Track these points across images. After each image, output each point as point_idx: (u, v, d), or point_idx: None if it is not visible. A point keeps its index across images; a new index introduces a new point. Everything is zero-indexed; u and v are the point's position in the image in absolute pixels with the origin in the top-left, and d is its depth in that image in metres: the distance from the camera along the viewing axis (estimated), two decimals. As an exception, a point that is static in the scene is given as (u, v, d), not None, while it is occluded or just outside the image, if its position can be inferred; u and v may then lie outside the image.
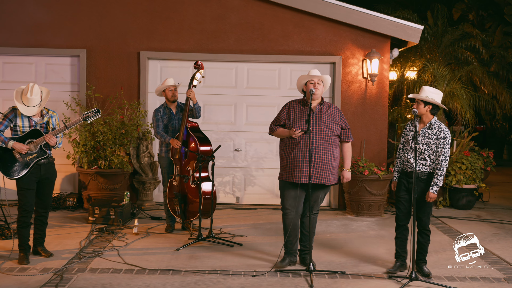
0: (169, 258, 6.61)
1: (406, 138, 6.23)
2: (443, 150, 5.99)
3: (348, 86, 9.87)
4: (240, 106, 10.07)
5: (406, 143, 6.21)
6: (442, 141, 6.00)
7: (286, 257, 6.35)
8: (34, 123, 6.31)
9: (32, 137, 6.26)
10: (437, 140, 6.01)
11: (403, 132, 6.31)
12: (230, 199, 10.14)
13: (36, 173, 6.34)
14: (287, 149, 6.22)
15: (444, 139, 6.00)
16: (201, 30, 9.80)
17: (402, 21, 9.68)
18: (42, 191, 6.48)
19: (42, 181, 6.44)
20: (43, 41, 9.75)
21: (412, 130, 6.14)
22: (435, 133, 6.03)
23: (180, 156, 7.70)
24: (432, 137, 6.02)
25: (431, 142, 6.01)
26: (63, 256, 6.56)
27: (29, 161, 6.24)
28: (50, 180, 6.54)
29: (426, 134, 6.04)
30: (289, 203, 6.24)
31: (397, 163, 6.32)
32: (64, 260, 6.37)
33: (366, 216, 9.27)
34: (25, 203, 6.29)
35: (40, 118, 6.38)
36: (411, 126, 6.22)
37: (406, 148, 6.19)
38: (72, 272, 5.98)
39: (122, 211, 8.25)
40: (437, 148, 6.01)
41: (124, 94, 9.67)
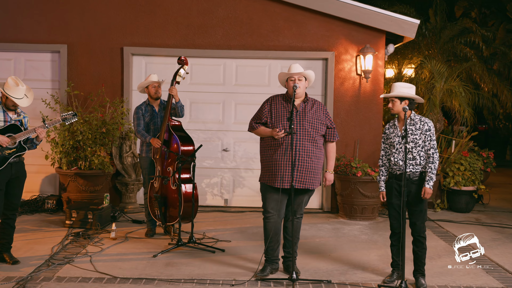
0: (144, 265, 6.19)
1: (389, 142, 5.76)
2: (432, 143, 5.60)
3: (341, 83, 9.43)
4: (228, 104, 9.64)
5: (390, 146, 5.76)
6: (428, 134, 5.60)
7: (267, 265, 5.92)
8: (9, 119, 5.97)
9: (11, 132, 5.91)
10: (422, 134, 5.59)
11: (384, 136, 5.84)
12: (218, 201, 9.71)
13: (6, 173, 5.95)
14: (269, 150, 5.78)
15: (430, 131, 5.61)
16: (187, 25, 9.38)
17: (397, 15, 9.25)
18: (12, 191, 6.08)
19: (12, 181, 6.06)
20: (22, 36, 9.35)
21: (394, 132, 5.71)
22: (418, 127, 5.61)
23: (161, 156, 7.28)
24: (416, 132, 5.60)
25: (417, 138, 5.59)
26: (30, 263, 6.14)
27: (7, 156, 5.88)
28: (20, 180, 6.16)
29: (410, 131, 5.62)
30: (271, 206, 5.81)
31: (382, 171, 5.84)
32: (31, 268, 5.96)
33: (359, 220, 8.84)
34: None
35: (15, 115, 6.06)
36: (391, 128, 5.77)
37: (391, 151, 5.73)
38: (36, 281, 5.57)
39: (101, 215, 7.84)
40: (424, 143, 5.60)
41: (107, 91, 9.25)
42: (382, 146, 5.85)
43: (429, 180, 5.58)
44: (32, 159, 9.32)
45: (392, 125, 5.76)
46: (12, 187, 6.07)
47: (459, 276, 6.04)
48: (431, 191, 5.59)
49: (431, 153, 5.60)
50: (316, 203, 9.70)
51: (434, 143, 5.65)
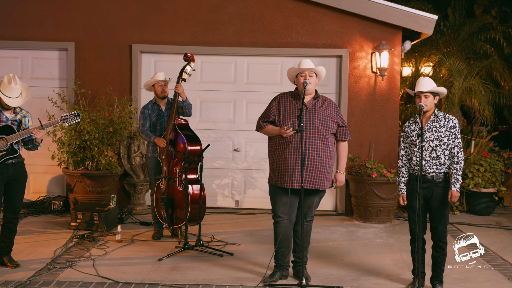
0: (149, 270, 5.94)
1: (410, 141, 5.45)
2: (456, 141, 5.30)
3: (355, 82, 9.13)
4: (239, 103, 9.38)
5: (411, 145, 5.44)
6: (453, 131, 5.30)
7: (276, 271, 5.64)
8: (5, 119, 5.72)
9: (3, 133, 5.65)
10: (447, 131, 5.29)
11: (404, 134, 5.51)
12: (229, 203, 9.45)
13: (3, 174, 5.71)
14: (278, 149, 5.50)
15: (455, 128, 5.31)
16: (197, 21, 9.13)
17: (414, 10, 8.91)
18: (11, 193, 5.84)
19: (10, 183, 5.82)
20: (29, 33, 9.16)
21: (415, 130, 5.39)
22: (443, 124, 5.31)
23: (167, 157, 7.04)
24: (441, 129, 5.29)
25: (441, 135, 5.28)
26: (31, 266, 5.91)
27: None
28: (19, 181, 5.89)
29: (434, 128, 5.31)
30: (281, 210, 5.53)
31: (402, 172, 5.51)
32: (31, 272, 5.73)
33: (374, 222, 8.53)
34: None
35: (13, 115, 5.79)
36: (412, 126, 5.45)
37: (413, 150, 5.42)
38: (35, 285, 5.35)
39: (107, 216, 7.61)
40: (449, 141, 5.29)
41: (116, 89, 9.04)
42: (401, 145, 5.53)
43: (455, 183, 5.29)
44: (39, 159, 9.19)
45: (413, 122, 5.44)
46: (12, 189, 5.84)
47: (478, 282, 5.72)
48: (458, 194, 5.30)
49: (455, 152, 5.30)
50: (330, 205, 9.41)
51: (459, 141, 5.34)
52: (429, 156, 5.29)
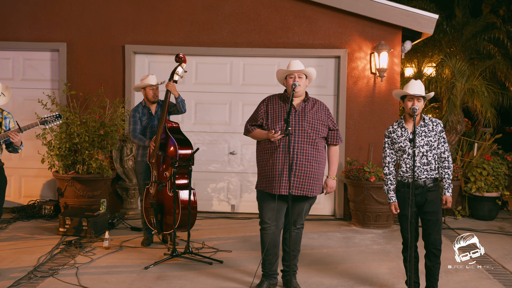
0: (133, 279, 5.72)
1: (397, 147, 5.19)
2: (445, 145, 5.12)
3: (354, 83, 8.88)
4: (235, 105, 9.16)
5: (399, 151, 5.19)
6: (442, 135, 5.12)
7: (263, 280, 5.41)
8: None
9: None
10: (437, 135, 5.08)
11: (389, 140, 5.25)
12: (225, 207, 9.23)
13: None
14: (265, 154, 5.28)
15: (443, 132, 5.14)
16: (191, 21, 8.92)
17: (414, 9, 8.64)
18: None
19: None
20: (20, 34, 8.97)
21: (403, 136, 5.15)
22: (432, 128, 5.10)
23: (157, 161, 6.82)
24: (431, 134, 5.06)
25: (432, 140, 5.05)
26: (11, 275, 5.70)
27: None
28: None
29: (423, 133, 5.07)
30: (268, 216, 5.30)
31: (390, 180, 5.25)
32: (10, 281, 5.52)
33: (372, 228, 8.28)
34: None
35: None
36: (398, 131, 5.20)
37: (402, 157, 5.17)
38: (13, 296, 5.15)
39: (96, 222, 7.40)
40: (438, 145, 5.08)
41: (109, 91, 8.84)
42: (387, 151, 5.27)
43: (448, 188, 5.13)
44: (31, 163, 9.03)
45: (399, 127, 5.20)
46: None
47: (476, 294, 5.48)
48: (451, 199, 5.14)
49: (446, 156, 5.11)
50: (328, 209, 9.17)
51: (447, 145, 5.14)
52: (419, 162, 5.05)
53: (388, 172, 5.25)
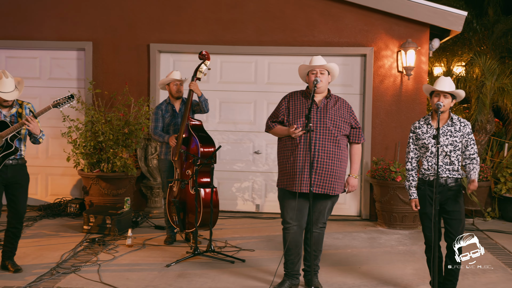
0: (154, 276, 5.70)
1: (421, 143, 5.08)
2: (474, 148, 4.98)
3: (380, 81, 8.75)
4: (260, 104, 9.09)
5: (422, 148, 5.07)
6: (470, 137, 4.98)
7: (285, 279, 5.34)
8: (3, 116, 5.54)
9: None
10: (463, 137, 4.93)
11: (414, 135, 5.14)
12: (250, 207, 9.17)
13: (2, 175, 5.53)
14: (287, 151, 5.22)
15: (471, 134, 4.99)
16: (216, 20, 8.89)
17: (442, 6, 8.47)
18: (13, 198, 5.64)
19: (11, 187, 5.62)
20: (47, 34, 9.04)
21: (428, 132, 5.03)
22: (458, 129, 4.95)
23: (179, 159, 6.79)
24: (456, 134, 4.93)
25: (456, 141, 4.92)
26: (34, 271, 5.73)
27: None
28: (20, 185, 5.68)
29: (449, 133, 4.94)
30: (290, 216, 5.23)
31: (412, 176, 5.13)
32: (32, 277, 5.55)
33: (399, 228, 8.14)
34: None
35: (8, 111, 5.60)
36: (424, 127, 5.08)
37: (425, 154, 5.05)
38: (34, 291, 5.17)
39: (120, 220, 7.41)
40: (466, 147, 4.95)
41: (133, 90, 8.85)
42: (411, 147, 5.16)
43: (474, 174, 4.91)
44: (57, 161, 9.11)
45: (425, 124, 5.08)
46: (14, 193, 5.64)
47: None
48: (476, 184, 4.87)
49: (475, 157, 4.98)
50: (354, 210, 9.05)
51: (476, 147, 5.03)
52: (442, 161, 4.92)
53: (410, 167, 5.13)
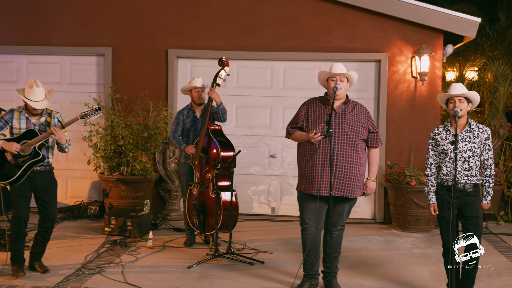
0: (176, 278, 5.86)
1: (440, 149, 5.21)
2: (490, 153, 5.13)
3: (395, 86, 8.89)
4: (276, 108, 9.26)
5: (441, 154, 5.21)
6: (488, 142, 5.12)
7: (305, 280, 5.49)
8: (32, 125, 5.72)
9: (27, 138, 5.66)
10: (482, 142, 5.07)
11: (433, 142, 5.28)
12: (265, 210, 9.32)
13: (30, 181, 5.71)
14: (306, 155, 5.37)
15: (489, 139, 5.13)
16: (233, 26, 9.06)
17: (455, 13, 8.62)
18: (43, 203, 5.81)
19: (40, 192, 5.79)
20: (68, 39, 9.25)
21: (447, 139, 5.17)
22: (477, 135, 5.09)
23: (200, 163, 6.96)
24: (475, 140, 5.06)
25: (475, 146, 5.05)
26: (61, 272, 5.91)
27: (21, 164, 5.62)
28: (49, 190, 5.85)
29: (467, 139, 5.08)
30: (308, 217, 5.38)
31: (431, 181, 5.28)
32: (59, 277, 5.73)
33: (413, 232, 8.27)
34: (19, 212, 5.67)
35: (37, 119, 5.78)
36: (443, 134, 5.22)
37: (444, 160, 5.19)
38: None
39: (140, 222, 7.59)
40: (482, 152, 5.08)
41: (152, 95, 9.04)
42: (430, 153, 5.30)
43: (487, 196, 5.18)
44: (77, 164, 9.29)
45: (444, 130, 5.22)
46: (43, 199, 5.81)
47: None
48: (488, 205, 5.20)
49: (489, 164, 5.13)
50: (368, 213, 9.18)
51: (492, 153, 5.16)
52: (460, 167, 5.06)
53: (430, 173, 5.27)
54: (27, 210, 5.75)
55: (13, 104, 9.19)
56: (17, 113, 5.74)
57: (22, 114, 5.73)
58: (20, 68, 9.44)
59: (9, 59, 9.43)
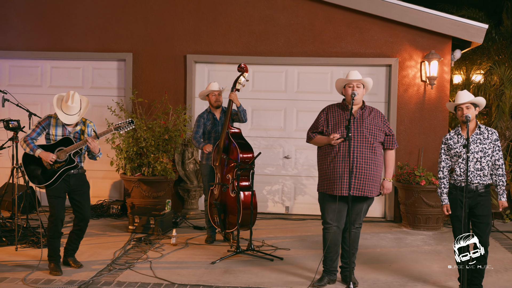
0: (202, 272, 6.23)
1: (453, 152, 5.57)
2: (499, 153, 5.49)
3: (405, 90, 9.25)
4: (290, 111, 9.62)
5: (454, 156, 5.57)
6: (497, 143, 5.48)
7: (324, 275, 5.85)
8: (67, 132, 6.08)
9: (62, 145, 6.02)
10: (492, 143, 5.44)
11: (445, 146, 5.63)
12: (279, 209, 9.69)
13: (65, 184, 6.08)
14: (327, 158, 5.71)
15: (498, 140, 5.50)
16: (249, 32, 9.43)
17: (463, 19, 8.97)
18: (77, 203, 6.18)
19: (74, 193, 6.16)
20: (90, 45, 9.64)
21: (459, 142, 5.52)
22: (487, 136, 5.46)
23: (220, 164, 7.33)
24: (485, 141, 5.43)
25: (486, 147, 5.41)
26: (93, 267, 6.28)
27: (56, 169, 5.99)
28: (82, 191, 6.22)
29: (479, 140, 5.44)
30: (330, 217, 5.74)
31: (444, 184, 5.63)
32: (93, 272, 6.09)
33: (423, 230, 8.62)
34: (56, 212, 6.04)
35: (73, 127, 6.14)
36: (455, 138, 5.58)
37: (458, 161, 5.55)
38: (98, 285, 5.69)
39: (163, 220, 7.96)
40: (493, 153, 5.45)
41: (170, 98, 9.41)
42: (442, 157, 5.65)
43: (503, 193, 5.53)
44: (99, 165, 9.60)
45: (455, 135, 5.58)
46: (77, 199, 6.18)
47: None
48: (506, 204, 5.54)
49: (500, 164, 5.49)
50: (379, 212, 9.54)
51: (502, 154, 5.53)
52: (473, 167, 5.41)
53: (442, 176, 5.63)
54: (63, 210, 6.11)
55: (37, 107, 9.59)
56: (53, 120, 6.09)
57: (58, 121, 6.08)
58: (44, 73, 9.85)
59: (33, 64, 9.85)
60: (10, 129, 7.21)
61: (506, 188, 9.15)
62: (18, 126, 7.27)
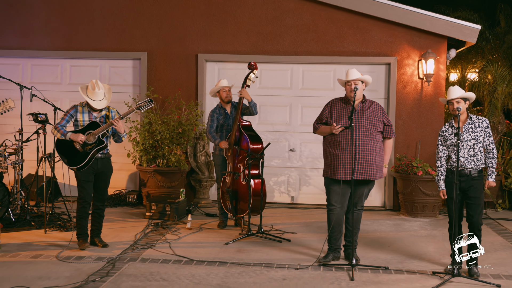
0: (217, 251, 6.83)
1: (449, 143, 6.15)
2: (490, 139, 6.09)
3: (403, 87, 9.85)
4: (295, 107, 10.22)
5: (451, 146, 6.15)
6: (487, 130, 6.08)
7: (329, 253, 6.46)
8: (93, 118, 6.71)
9: (90, 129, 6.66)
10: (482, 131, 6.05)
11: (441, 138, 6.23)
12: (285, 199, 10.29)
13: (93, 166, 6.73)
14: (331, 146, 6.33)
15: (489, 127, 6.10)
16: (257, 33, 10.03)
17: (458, 20, 9.58)
18: (99, 185, 6.87)
19: (98, 175, 6.83)
20: (107, 45, 10.25)
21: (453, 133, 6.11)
22: (478, 125, 6.07)
23: (232, 154, 7.93)
24: (477, 130, 6.04)
25: (478, 135, 6.02)
26: (117, 247, 6.90)
27: (88, 151, 6.63)
28: (106, 174, 6.90)
29: (470, 129, 6.04)
30: (334, 199, 6.35)
31: (441, 172, 6.22)
32: (118, 250, 6.71)
33: (420, 217, 9.22)
34: (84, 195, 6.72)
35: (98, 113, 6.77)
36: (449, 129, 6.17)
37: (454, 149, 6.13)
38: (124, 261, 6.29)
39: (178, 207, 8.56)
40: (484, 139, 6.05)
41: (183, 95, 10.01)
42: (439, 148, 6.24)
43: (491, 174, 6.10)
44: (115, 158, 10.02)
45: (450, 127, 6.17)
46: (99, 180, 6.87)
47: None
48: (494, 183, 6.14)
49: (491, 148, 6.07)
50: (378, 201, 10.13)
51: (493, 139, 6.12)
52: (467, 154, 6.01)
53: (439, 165, 6.24)
54: (91, 192, 6.79)
55: (57, 103, 10.15)
56: (80, 108, 6.77)
57: (85, 108, 6.74)
58: (64, 71, 10.47)
59: (54, 63, 10.49)
60: (39, 122, 7.86)
61: (498, 179, 9.80)
62: (46, 119, 7.92)
